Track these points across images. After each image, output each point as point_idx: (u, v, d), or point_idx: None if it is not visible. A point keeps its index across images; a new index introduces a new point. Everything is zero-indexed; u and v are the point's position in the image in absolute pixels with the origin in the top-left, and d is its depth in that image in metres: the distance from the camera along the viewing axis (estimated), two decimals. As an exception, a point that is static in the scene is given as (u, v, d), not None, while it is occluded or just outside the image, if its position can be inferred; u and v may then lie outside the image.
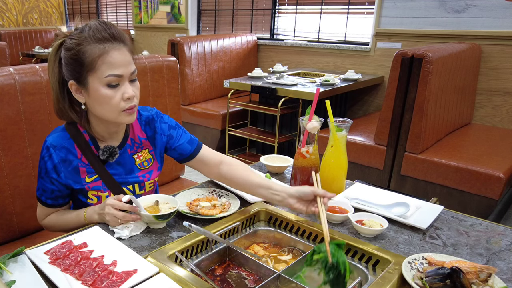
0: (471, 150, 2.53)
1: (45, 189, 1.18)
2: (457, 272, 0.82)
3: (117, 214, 1.06)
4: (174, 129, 1.29)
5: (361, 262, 1.01)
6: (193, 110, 3.90)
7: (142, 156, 1.26)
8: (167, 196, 1.18)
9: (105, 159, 1.17)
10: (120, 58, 1.06)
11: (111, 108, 1.08)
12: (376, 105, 3.84)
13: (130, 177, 1.24)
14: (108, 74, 1.04)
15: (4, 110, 1.35)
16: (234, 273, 1.00)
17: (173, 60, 1.94)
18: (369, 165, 2.73)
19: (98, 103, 1.08)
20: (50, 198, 1.20)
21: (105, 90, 1.06)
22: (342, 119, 1.29)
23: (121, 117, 1.10)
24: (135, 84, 1.11)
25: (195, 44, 3.98)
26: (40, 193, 1.20)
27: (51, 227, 1.25)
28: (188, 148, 1.27)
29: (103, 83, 1.06)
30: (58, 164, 1.14)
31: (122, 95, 1.07)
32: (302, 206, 1.07)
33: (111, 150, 1.17)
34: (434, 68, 2.37)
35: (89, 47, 1.04)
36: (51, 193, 1.19)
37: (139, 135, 1.26)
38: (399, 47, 3.58)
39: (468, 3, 3.16)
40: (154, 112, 1.28)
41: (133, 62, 1.11)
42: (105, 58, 1.04)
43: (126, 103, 1.08)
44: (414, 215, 1.18)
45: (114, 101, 1.07)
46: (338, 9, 4.10)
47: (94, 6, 7.02)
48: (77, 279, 0.88)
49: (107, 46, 1.04)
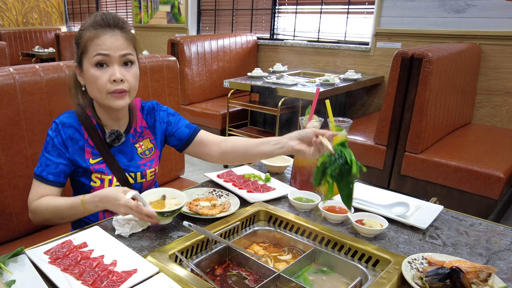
0: (471, 150, 2.53)
1: (48, 164, 1.16)
2: (457, 272, 0.82)
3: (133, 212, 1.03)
4: (173, 115, 1.34)
5: (361, 262, 1.01)
6: (193, 110, 3.90)
7: (144, 145, 1.30)
8: (175, 190, 1.14)
9: (111, 142, 1.21)
10: (110, 41, 1.10)
11: (98, 88, 1.12)
12: (376, 105, 3.84)
13: (131, 165, 1.26)
14: (95, 54, 1.10)
15: (4, 110, 1.35)
16: (234, 273, 1.00)
17: (173, 60, 1.94)
18: (369, 165, 2.73)
19: (89, 83, 1.15)
20: (53, 174, 1.16)
21: (93, 70, 1.11)
22: (342, 119, 1.29)
23: (108, 100, 1.13)
24: (129, 70, 1.14)
25: (195, 44, 3.98)
26: (41, 169, 1.17)
27: (41, 211, 1.16)
28: (186, 131, 1.31)
29: (92, 64, 1.11)
30: (66, 140, 1.18)
31: (109, 77, 1.11)
32: (304, 147, 1.06)
33: (118, 133, 1.21)
34: (434, 68, 2.37)
35: (85, 32, 1.12)
36: (56, 167, 1.16)
37: (140, 125, 1.30)
38: (399, 47, 3.58)
39: (468, 3, 3.16)
40: (155, 102, 1.34)
41: (131, 49, 1.15)
42: (95, 41, 1.10)
43: (112, 85, 1.11)
44: (414, 215, 1.18)
45: (100, 81, 1.11)
46: (338, 9, 4.10)
47: (94, 6, 7.02)
48: (77, 279, 0.88)
49: (100, 30, 1.11)
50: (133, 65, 1.15)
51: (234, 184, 1.36)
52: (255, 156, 1.21)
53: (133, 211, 1.01)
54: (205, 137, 1.31)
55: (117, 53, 1.11)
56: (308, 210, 1.21)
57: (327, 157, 0.95)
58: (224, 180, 1.39)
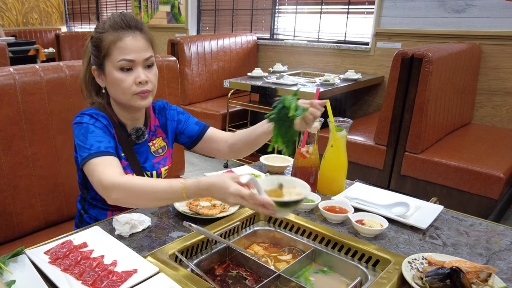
0: (471, 150, 2.53)
1: (100, 140, 1.08)
2: (457, 272, 0.82)
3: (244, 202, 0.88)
4: (182, 114, 1.37)
5: (361, 262, 1.01)
6: (193, 110, 3.90)
7: (157, 143, 1.31)
8: (294, 179, 0.97)
9: (136, 139, 1.23)
10: (133, 44, 1.11)
11: (123, 91, 1.13)
12: (376, 105, 3.84)
13: (147, 164, 1.28)
14: (120, 58, 1.11)
15: (4, 110, 1.35)
16: (234, 273, 1.00)
17: (173, 60, 1.94)
18: (369, 165, 2.73)
19: (112, 86, 1.15)
20: (110, 147, 1.09)
21: (118, 74, 1.12)
22: (342, 119, 1.29)
23: (133, 100, 1.15)
24: (151, 70, 1.16)
25: (195, 44, 3.98)
26: (96, 147, 1.06)
27: (129, 188, 0.98)
28: (196, 128, 1.33)
29: (116, 67, 1.12)
30: (105, 126, 1.15)
31: (134, 79, 1.12)
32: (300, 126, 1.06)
33: (142, 130, 1.24)
34: (434, 68, 2.37)
35: (106, 35, 1.12)
36: (109, 141, 1.10)
37: (153, 124, 1.32)
38: (399, 47, 3.57)
39: (468, 3, 3.16)
40: (164, 101, 1.38)
41: (151, 50, 1.16)
42: (118, 44, 1.10)
43: (138, 87, 1.13)
44: (414, 215, 1.18)
45: (126, 84, 1.12)
46: (338, 9, 4.10)
47: (94, 6, 7.02)
48: (77, 279, 0.88)
49: (121, 33, 1.11)
50: (153, 66, 1.18)
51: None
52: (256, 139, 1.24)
53: (245, 200, 0.87)
54: (214, 133, 1.34)
55: (141, 58, 1.12)
56: (308, 210, 1.21)
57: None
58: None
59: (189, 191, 0.93)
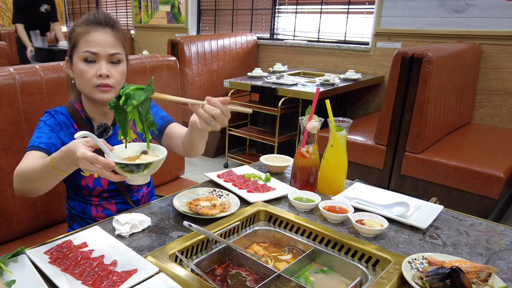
0: (471, 150, 2.53)
1: (39, 136, 1.18)
2: (457, 272, 0.82)
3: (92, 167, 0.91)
4: (152, 107, 1.37)
5: (361, 262, 1.01)
6: (193, 110, 3.89)
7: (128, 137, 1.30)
8: (158, 146, 1.03)
9: (99, 135, 1.26)
10: (99, 38, 1.17)
11: (85, 81, 1.18)
12: (376, 105, 3.84)
13: None
14: (84, 50, 1.17)
15: (4, 110, 1.35)
16: (234, 273, 1.00)
17: (173, 60, 1.94)
18: (369, 165, 2.73)
19: (77, 76, 1.21)
20: (44, 143, 1.17)
21: (82, 65, 1.18)
22: (342, 119, 1.29)
23: (94, 93, 1.19)
24: (116, 67, 1.20)
25: (195, 44, 3.98)
26: (33, 141, 1.17)
27: (18, 176, 1.09)
28: (159, 123, 1.35)
29: (81, 58, 1.18)
30: (60, 123, 1.24)
31: (96, 71, 1.17)
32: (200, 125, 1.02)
33: (106, 126, 1.28)
34: (434, 68, 2.37)
35: (77, 28, 1.19)
36: (48, 138, 1.19)
37: None
38: (399, 47, 3.58)
39: (468, 3, 3.16)
40: None
41: (120, 48, 1.21)
42: (86, 37, 1.17)
43: (98, 79, 1.17)
44: (414, 215, 1.18)
45: (87, 75, 1.17)
46: (338, 9, 4.10)
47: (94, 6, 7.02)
48: (77, 279, 0.88)
49: (91, 27, 1.17)
50: (120, 63, 1.21)
51: (234, 184, 1.36)
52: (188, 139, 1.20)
53: (93, 165, 0.89)
54: (175, 130, 1.32)
55: (106, 52, 1.17)
56: (308, 210, 1.21)
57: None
58: (224, 180, 1.39)
59: (55, 161, 0.98)
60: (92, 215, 1.33)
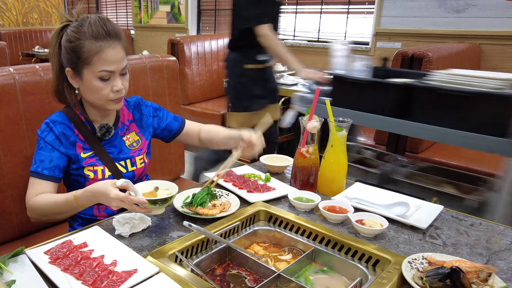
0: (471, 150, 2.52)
1: (42, 160, 1.21)
2: (457, 272, 0.82)
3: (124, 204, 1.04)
4: (160, 110, 1.46)
5: (361, 262, 1.01)
6: (193, 110, 3.89)
7: (131, 138, 1.37)
8: (167, 182, 1.17)
9: (102, 135, 1.28)
10: (114, 56, 1.17)
11: (100, 97, 1.20)
12: (376, 105, 3.84)
13: (121, 155, 1.33)
14: (101, 69, 1.16)
15: (4, 110, 1.35)
16: (234, 273, 1.00)
17: (173, 60, 1.94)
18: (369, 165, 2.73)
19: (90, 91, 1.21)
20: (47, 168, 1.20)
21: (97, 82, 1.18)
22: (342, 119, 1.29)
23: (108, 105, 1.23)
24: (125, 77, 1.23)
25: (195, 43, 3.97)
26: (36, 165, 1.20)
27: (37, 208, 1.18)
28: (176, 124, 1.46)
29: (96, 76, 1.17)
30: (59, 135, 1.23)
31: (112, 87, 1.19)
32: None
33: (107, 127, 1.29)
34: (434, 68, 2.37)
35: (87, 43, 1.15)
36: (50, 161, 1.21)
37: (127, 119, 1.38)
38: (399, 46, 3.57)
39: (468, 3, 3.16)
40: (139, 98, 1.45)
41: (126, 58, 1.22)
42: (101, 56, 1.15)
43: (114, 95, 1.20)
44: (414, 215, 1.18)
45: (104, 92, 1.19)
46: (338, 9, 4.10)
47: (94, 6, 7.02)
48: (77, 279, 0.88)
49: (103, 44, 1.15)
50: (127, 72, 1.25)
51: (234, 184, 1.36)
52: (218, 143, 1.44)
53: (124, 202, 1.03)
54: (190, 128, 1.48)
55: (119, 68, 1.19)
56: (308, 210, 1.21)
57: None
58: (224, 180, 1.39)
59: (80, 199, 1.11)
60: (93, 214, 1.33)
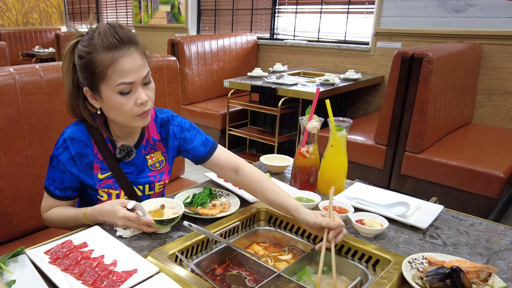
0: (471, 150, 2.53)
1: (54, 179, 1.16)
2: (457, 272, 0.82)
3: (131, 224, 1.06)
4: (188, 131, 1.26)
5: (361, 262, 1.01)
6: (193, 110, 3.90)
7: (155, 157, 1.26)
8: (172, 200, 1.15)
9: (121, 158, 1.18)
10: (130, 65, 1.04)
11: (124, 113, 1.08)
12: (376, 104, 3.84)
13: (141, 177, 1.24)
14: (119, 82, 1.04)
15: (4, 110, 1.35)
16: (234, 273, 1.00)
17: (173, 60, 1.94)
18: (369, 165, 2.73)
19: (111, 109, 1.09)
20: (59, 189, 1.17)
21: (118, 98, 1.06)
22: (342, 118, 1.29)
23: (135, 122, 1.11)
24: (149, 87, 1.10)
25: (195, 44, 3.97)
26: (49, 182, 1.18)
27: (51, 222, 1.22)
28: (202, 150, 1.23)
29: (115, 91, 1.05)
30: (75, 156, 1.14)
31: (135, 101, 1.06)
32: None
33: (128, 149, 1.18)
34: (434, 67, 2.37)
35: (98, 56, 1.03)
36: (61, 183, 1.17)
37: (153, 137, 1.25)
38: (399, 46, 3.57)
39: (468, 3, 3.16)
40: (170, 114, 1.27)
41: (147, 64, 1.09)
42: (115, 67, 1.03)
43: (139, 108, 1.08)
44: (414, 215, 1.18)
45: (127, 107, 1.07)
46: (338, 9, 4.10)
47: (94, 6, 7.02)
48: (77, 279, 0.88)
49: (116, 53, 1.03)
50: (151, 80, 1.11)
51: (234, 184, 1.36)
52: (270, 204, 1.14)
53: (132, 222, 1.05)
54: (221, 159, 1.23)
55: (140, 77, 1.06)
56: (308, 210, 1.21)
57: None
58: (224, 180, 1.39)
59: (88, 217, 1.13)
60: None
